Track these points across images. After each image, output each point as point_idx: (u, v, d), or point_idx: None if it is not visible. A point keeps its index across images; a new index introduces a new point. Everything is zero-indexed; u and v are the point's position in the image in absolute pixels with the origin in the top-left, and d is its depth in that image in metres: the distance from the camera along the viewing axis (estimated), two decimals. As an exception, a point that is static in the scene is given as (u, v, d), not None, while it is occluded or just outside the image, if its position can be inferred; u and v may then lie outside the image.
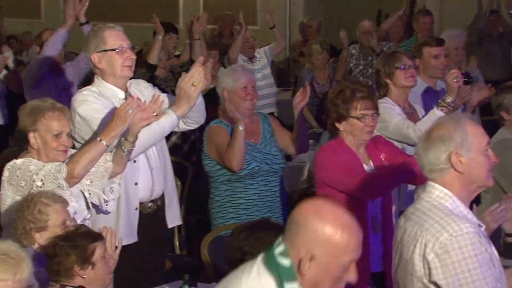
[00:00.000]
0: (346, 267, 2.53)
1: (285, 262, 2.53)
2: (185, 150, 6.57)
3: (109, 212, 4.17)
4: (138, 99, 3.97)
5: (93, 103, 4.23)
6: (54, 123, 3.90)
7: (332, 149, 4.35)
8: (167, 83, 7.31)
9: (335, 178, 4.27)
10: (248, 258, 3.31)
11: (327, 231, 2.49)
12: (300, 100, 4.86)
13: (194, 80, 4.11)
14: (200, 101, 4.32)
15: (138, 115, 3.92)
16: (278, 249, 2.57)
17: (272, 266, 2.55)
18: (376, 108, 4.36)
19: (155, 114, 3.96)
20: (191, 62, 7.80)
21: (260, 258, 2.62)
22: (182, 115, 4.21)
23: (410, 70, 5.15)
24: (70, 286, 3.47)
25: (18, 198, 3.85)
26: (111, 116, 3.99)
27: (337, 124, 4.34)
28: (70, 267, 3.47)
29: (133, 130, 3.96)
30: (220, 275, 4.42)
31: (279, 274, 2.53)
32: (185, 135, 6.46)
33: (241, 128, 4.70)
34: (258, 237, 3.39)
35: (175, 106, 4.16)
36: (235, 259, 3.38)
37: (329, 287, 2.54)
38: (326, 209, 2.56)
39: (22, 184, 3.86)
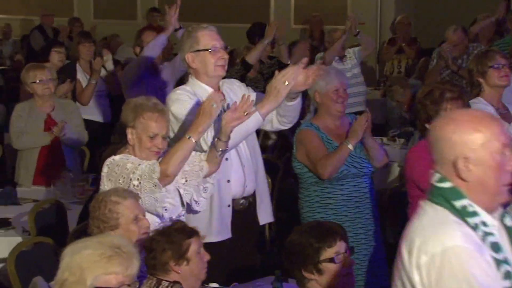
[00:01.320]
0: (501, 152, 2.52)
1: (446, 185, 2.56)
2: (278, 149, 6.60)
3: (198, 212, 4.18)
4: (221, 92, 3.97)
5: (185, 101, 4.26)
6: (152, 124, 3.92)
7: (422, 151, 4.28)
8: (256, 84, 7.37)
9: (424, 182, 4.20)
10: (295, 267, 3.40)
11: (466, 130, 2.51)
12: (366, 127, 4.83)
13: (287, 78, 4.11)
14: (298, 101, 4.31)
15: (230, 115, 3.93)
16: (434, 179, 2.60)
17: (436, 196, 2.57)
18: None
19: (246, 114, 3.96)
20: (279, 63, 7.85)
21: (422, 202, 2.63)
22: (267, 113, 4.18)
23: (504, 70, 5.03)
24: (166, 281, 3.50)
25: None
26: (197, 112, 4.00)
27: (426, 125, 4.27)
28: (165, 262, 3.51)
29: (226, 130, 3.97)
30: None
31: (446, 198, 2.54)
32: (277, 133, 6.49)
33: (350, 147, 4.71)
34: (301, 245, 3.42)
35: (261, 105, 4.15)
36: (287, 265, 3.44)
37: (496, 180, 2.53)
38: (455, 115, 2.63)
39: (120, 181, 3.89)
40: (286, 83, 4.08)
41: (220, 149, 4.03)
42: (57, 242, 4.58)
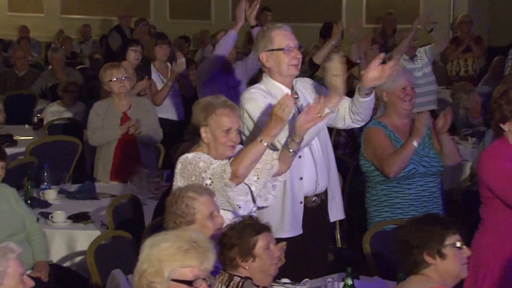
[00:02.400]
0: None
1: None
2: (348, 146, 6.58)
3: (265, 207, 4.20)
4: (292, 97, 3.96)
5: (259, 100, 4.28)
6: (225, 119, 3.96)
7: (496, 154, 4.22)
8: (325, 83, 7.34)
9: (497, 186, 4.15)
10: (414, 252, 3.31)
11: None
12: (444, 124, 4.76)
13: (332, 69, 4.09)
14: (371, 98, 4.29)
15: (304, 117, 3.92)
16: None
17: None
18: None
19: (319, 115, 3.95)
20: (347, 61, 7.81)
21: None
22: (334, 107, 4.18)
23: None
24: (237, 276, 3.53)
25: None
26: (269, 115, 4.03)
27: (501, 125, 4.21)
28: (233, 258, 3.53)
29: (299, 132, 3.96)
30: (381, 269, 4.42)
31: None
32: (349, 131, 6.46)
33: (415, 144, 4.67)
34: (424, 231, 3.33)
35: (327, 100, 4.15)
36: (400, 252, 3.35)
37: None
38: None
39: (192, 179, 3.92)
40: (335, 74, 4.09)
41: (292, 149, 4.02)
42: (134, 235, 4.66)
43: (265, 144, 3.89)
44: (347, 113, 4.39)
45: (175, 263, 2.77)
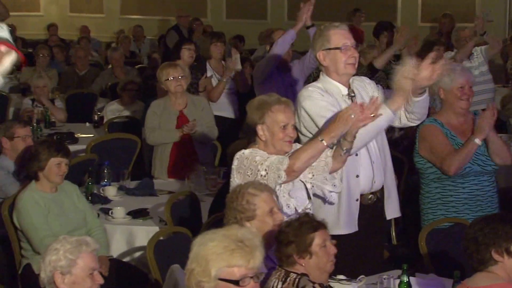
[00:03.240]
0: None
1: None
2: (404, 144, 6.52)
3: (333, 203, 4.22)
4: (361, 105, 3.96)
5: (317, 99, 4.28)
6: (281, 116, 3.99)
7: None
8: (380, 82, 7.29)
9: None
10: (482, 248, 3.27)
11: None
12: (487, 121, 4.70)
13: (404, 72, 4.06)
14: (425, 97, 4.25)
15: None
16: None
17: None
18: None
19: (372, 115, 3.94)
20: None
21: None
22: (397, 109, 4.16)
23: None
24: (294, 273, 3.52)
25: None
26: (334, 117, 4.03)
27: None
28: (289, 254, 3.53)
29: (351, 131, 3.96)
30: (437, 266, 4.38)
31: None
32: (404, 130, 6.41)
33: (478, 142, 4.63)
34: (493, 228, 3.29)
35: (391, 101, 4.13)
36: (468, 248, 3.32)
37: None
38: None
39: (248, 173, 3.96)
40: (406, 76, 4.05)
41: (345, 148, 4.03)
42: (192, 232, 4.69)
43: (325, 143, 3.93)
44: (402, 112, 4.36)
45: (221, 263, 2.79)
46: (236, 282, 2.80)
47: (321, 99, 4.27)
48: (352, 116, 3.87)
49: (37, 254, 4.85)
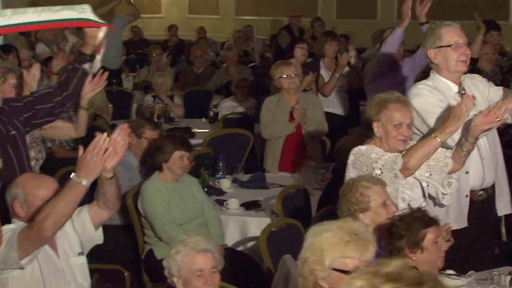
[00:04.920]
0: None
1: None
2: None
3: (443, 206, 4.11)
4: (473, 97, 3.83)
5: (426, 96, 4.18)
6: (396, 114, 3.91)
7: None
8: (493, 77, 7.05)
9: None
10: None
11: None
12: None
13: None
14: None
15: (481, 119, 3.82)
16: None
17: None
18: None
19: (498, 119, 3.81)
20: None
21: None
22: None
23: None
24: (405, 265, 3.47)
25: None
26: (446, 113, 3.92)
27: None
28: (401, 248, 3.47)
29: (474, 132, 3.86)
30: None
31: None
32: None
33: None
34: None
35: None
36: None
37: None
38: None
39: (363, 169, 3.90)
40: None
41: (466, 149, 3.93)
42: (302, 224, 4.67)
43: (439, 140, 3.84)
44: None
45: (336, 253, 2.77)
46: (349, 273, 2.76)
47: (430, 96, 4.16)
48: (464, 109, 3.73)
49: (159, 240, 4.97)
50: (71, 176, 3.26)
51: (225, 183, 5.94)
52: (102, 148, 3.21)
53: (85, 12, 3.89)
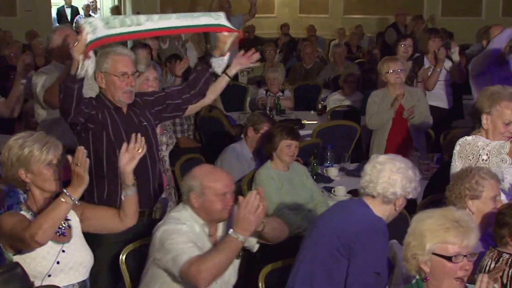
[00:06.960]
0: None
1: None
2: None
3: None
4: None
5: None
6: (507, 112, 3.84)
7: None
8: None
9: None
10: None
11: None
12: None
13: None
14: None
15: None
16: None
17: None
18: None
19: None
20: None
21: None
22: None
23: None
24: (506, 253, 3.38)
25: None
26: None
27: None
28: (503, 235, 3.39)
29: None
30: None
31: None
32: None
33: None
34: None
35: None
36: None
37: None
38: None
39: (470, 157, 3.85)
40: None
41: None
42: (407, 211, 4.60)
43: None
44: None
45: (436, 239, 2.76)
46: (449, 258, 2.78)
47: None
48: None
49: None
50: (229, 232, 3.25)
51: (333, 172, 5.95)
52: (254, 205, 3.21)
53: (220, 19, 4.02)
